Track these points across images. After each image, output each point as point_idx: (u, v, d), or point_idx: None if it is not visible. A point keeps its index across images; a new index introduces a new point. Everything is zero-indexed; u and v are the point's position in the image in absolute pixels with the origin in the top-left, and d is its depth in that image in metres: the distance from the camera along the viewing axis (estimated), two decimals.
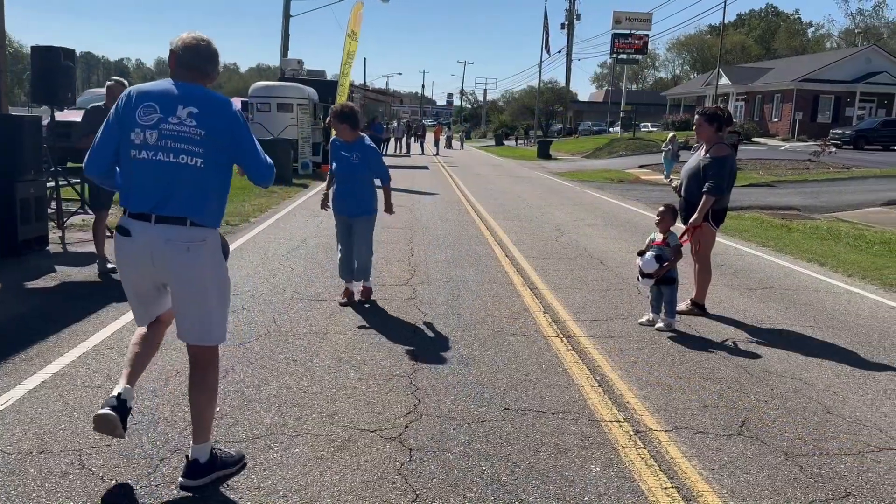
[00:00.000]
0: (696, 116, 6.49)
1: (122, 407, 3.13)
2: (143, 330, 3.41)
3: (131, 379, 3.25)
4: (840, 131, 35.85)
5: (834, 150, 29.46)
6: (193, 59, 3.17)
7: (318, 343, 5.26)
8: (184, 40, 3.18)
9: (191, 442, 3.26)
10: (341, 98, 19.68)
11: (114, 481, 3.18)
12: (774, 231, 12.00)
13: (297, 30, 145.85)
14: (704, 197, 6.08)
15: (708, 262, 6.44)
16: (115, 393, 3.17)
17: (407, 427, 3.87)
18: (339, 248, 6.53)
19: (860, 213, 14.69)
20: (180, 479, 3.18)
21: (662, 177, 22.80)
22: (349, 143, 6.24)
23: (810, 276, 8.38)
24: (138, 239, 3.05)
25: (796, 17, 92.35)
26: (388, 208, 6.68)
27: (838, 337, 5.92)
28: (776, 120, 46.40)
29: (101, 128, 3.19)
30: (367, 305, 6.36)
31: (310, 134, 21.55)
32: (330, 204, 6.56)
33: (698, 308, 6.44)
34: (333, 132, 6.44)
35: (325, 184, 6.85)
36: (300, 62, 27.33)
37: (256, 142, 3.26)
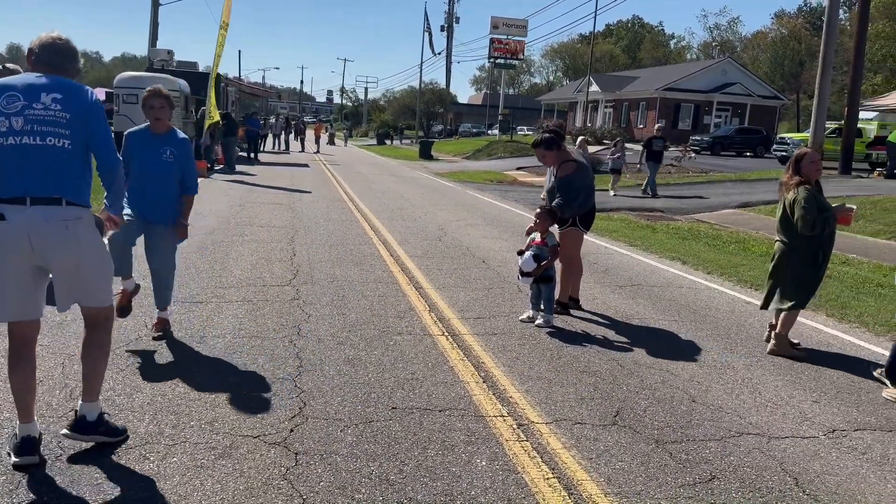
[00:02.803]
0: (537, 149, 6.50)
1: (30, 448, 3.22)
2: (13, 358, 3.32)
3: (27, 414, 3.28)
4: (699, 138, 38.41)
5: (694, 155, 31.60)
6: (52, 58, 3.32)
7: (196, 347, 5.05)
8: (41, 39, 3.33)
9: (80, 401, 3.43)
10: (212, 91, 18.93)
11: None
12: (641, 231, 12.70)
13: (167, 18, 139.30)
14: (560, 215, 6.33)
15: (576, 261, 6.73)
16: (20, 435, 3.24)
17: (292, 431, 3.80)
18: (113, 239, 4.68)
19: (717, 215, 15.83)
20: (64, 430, 3.36)
21: None
22: (160, 135, 5.06)
23: (674, 274, 8.95)
24: (14, 222, 3.09)
25: (660, 28, 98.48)
26: (184, 229, 5.33)
27: (700, 330, 6.36)
28: (641, 126, 49.11)
29: None
30: (160, 339, 5.14)
31: (181, 128, 20.57)
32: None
33: (574, 302, 6.74)
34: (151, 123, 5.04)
35: None
36: (170, 52, 26.08)
37: (110, 134, 3.42)
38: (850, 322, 6.87)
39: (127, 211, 4.85)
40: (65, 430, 3.38)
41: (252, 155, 26.81)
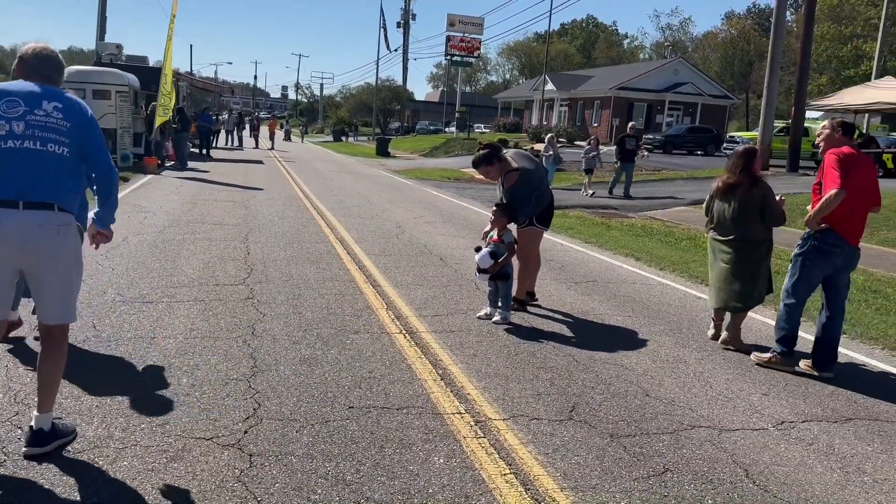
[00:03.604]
0: (478, 168, 6.48)
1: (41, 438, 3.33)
2: None
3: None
4: (652, 136, 39.06)
5: (647, 153, 32.08)
6: (46, 69, 3.47)
7: (145, 348, 4.93)
8: (36, 50, 3.47)
9: (35, 412, 3.38)
10: (166, 86, 18.52)
11: None
12: (596, 228, 12.86)
13: (116, 11, 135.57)
14: (513, 222, 6.42)
15: (534, 257, 6.79)
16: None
17: (246, 432, 3.73)
18: None
19: (669, 212, 16.14)
20: (24, 448, 3.32)
21: None
22: None
23: (628, 270, 9.08)
24: (5, 225, 3.15)
25: (614, 28, 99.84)
26: None
27: (653, 325, 6.46)
28: (596, 125, 49.74)
29: None
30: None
31: (130, 123, 20.07)
32: None
33: (529, 296, 6.81)
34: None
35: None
36: (119, 46, 25.44)
37: (105, 144, 3.54)
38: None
39: None
40: (24, 450, 3.33)
41: (204, 151, 26.34)
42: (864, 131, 26.62)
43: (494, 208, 6.37)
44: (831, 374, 5.25)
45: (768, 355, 5.46)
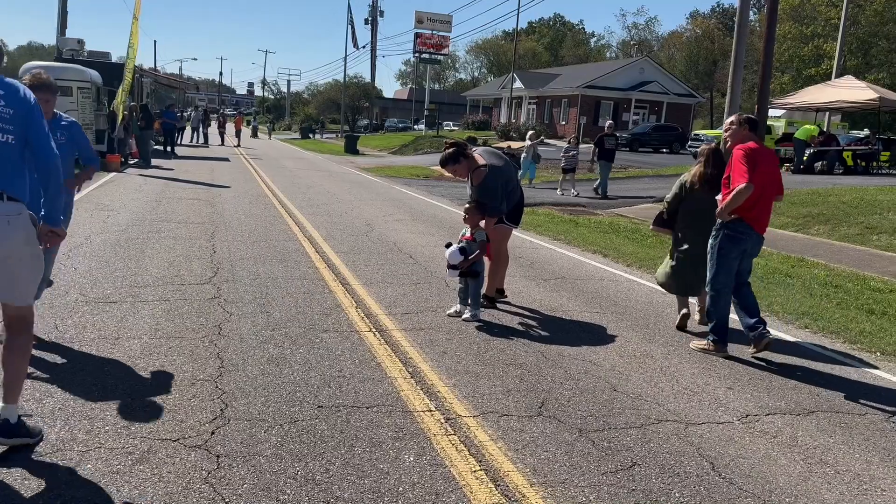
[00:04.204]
0: (446, 167, 6.46)
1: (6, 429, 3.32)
2: None
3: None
4: (618, 134, 39.46)
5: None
6: None
7: (109, 349, 4.84)
8: None
9: (0, 403, 3.36)
10: (127, 82, 18.20)
11: None
12: (564, 226, 12.96)
13: (77, 6, 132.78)
14: (486, 220, 6.40)
15: (503, 253, 6.84)
16: None
17: (213, 433, 3.69)
18: None
19: (636, 209, 16.32)
20: None
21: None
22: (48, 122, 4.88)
23: (595, 267, 9.17)
24: None
25: (581, 27, 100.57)
26: (80, 180, 5.39)
27: (621, 321, 6.53)
28: (564, 123, 50.11)
29: None
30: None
31: (93, 120, 19.69)
32: None
33: (499, 293, 6.85)
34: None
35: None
36: (81, 42, 24.92)
37: (48, 131, 3.46)
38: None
39: None
40: None
41: (168, 148, 25.93)
42: (824, 129, 27.19)
43: (467, 206, 6.38)
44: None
45: (704, 342, 5.77)
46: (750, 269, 5.84)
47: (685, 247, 6.25)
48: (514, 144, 26.76)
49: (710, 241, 5.70)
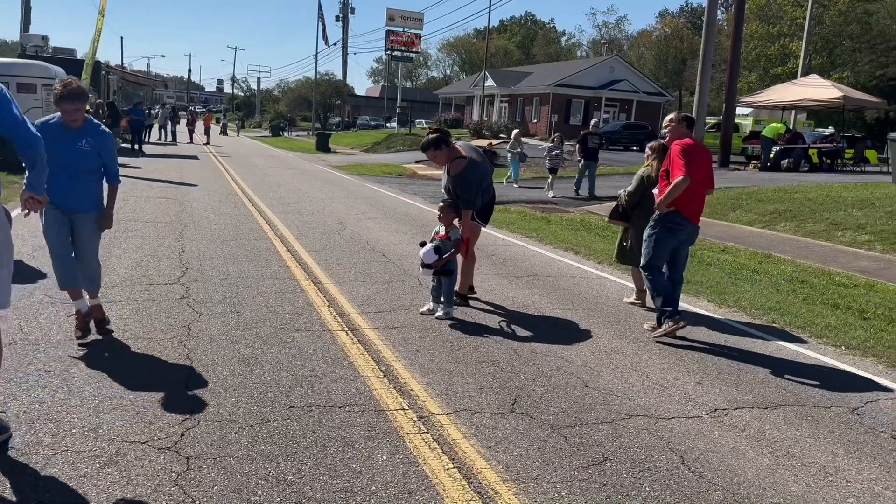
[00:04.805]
0: (426, 151, 6.48)
1: None
2: None
3: None
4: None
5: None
6: None
7: (76, 351, 4.75)
8: None
9: None
10: (86, 79, 17.87)
11: None
12: (536, 223, 13.02)
13: (42, 2, 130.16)
14: (462, 212, 6.42)
15: (471, 253, 6.83)
16: None
17: (183, 435, 3.64)
18: (55, 252, 4.94)
19: (607, 206, 16.42)
20: None
21: (504, 181, 20.02)
22: (77, 128, 4.84)
23: (567, 264, 9.22)
24: None
25: (552, 25, 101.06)
26: (109, 218, 5.22)
27: (592, 317, 6.58)
28: (535, 121, 50.30)
29: None
30: (111, 331, 5.17)
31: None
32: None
33: (470, 290, 6.87)
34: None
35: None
36: (45, 38, 24.47)
37: (22, 115, 3.46)
38: (728, 307, 7.31)
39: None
40: None
41: (136, 146, 25.52)
42: (791, 127, 27.67)
43: (441, 204, 6.39)
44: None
45: (663, 329, 5.93)
46: (686, 257, 6.25)
47: (639, 229, 6.58)
48: (496, 142, 26.68)
49: (648, 230, 6.05)
